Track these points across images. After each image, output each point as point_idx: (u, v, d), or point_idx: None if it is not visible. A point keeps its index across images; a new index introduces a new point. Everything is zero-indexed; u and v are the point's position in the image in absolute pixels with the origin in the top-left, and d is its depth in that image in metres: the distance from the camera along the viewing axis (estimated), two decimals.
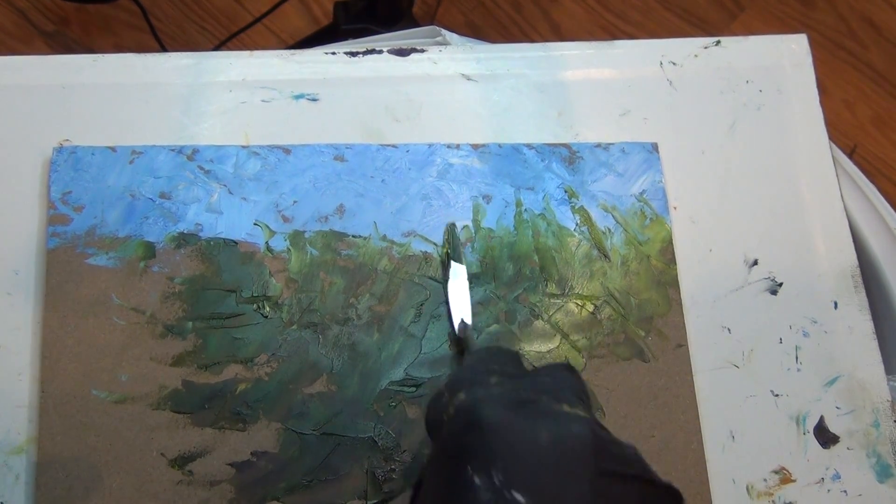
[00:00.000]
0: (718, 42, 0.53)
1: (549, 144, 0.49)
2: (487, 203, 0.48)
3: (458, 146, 0.49)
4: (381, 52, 0.52)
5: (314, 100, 0.50)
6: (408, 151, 0.48)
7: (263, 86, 0.50)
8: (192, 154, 0.47)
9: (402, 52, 0.52)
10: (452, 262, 0.46)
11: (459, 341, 0.44)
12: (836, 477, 0.44)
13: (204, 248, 0.45)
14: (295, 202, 0.47)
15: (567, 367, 0.34)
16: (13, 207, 0.46)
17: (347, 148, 0.48)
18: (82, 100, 0.48)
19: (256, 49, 0.52)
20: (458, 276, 0.46)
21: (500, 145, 0.49)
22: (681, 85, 0.52)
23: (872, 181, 0.63)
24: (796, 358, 0.46)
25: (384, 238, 0.46)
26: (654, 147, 0.50)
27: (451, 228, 0.47)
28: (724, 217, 0.49)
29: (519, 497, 0.28)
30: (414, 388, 0.44)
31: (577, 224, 0.48)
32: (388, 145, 0.48)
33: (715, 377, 0.46)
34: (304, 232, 0.46)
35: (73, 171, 0.46)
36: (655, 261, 0.47)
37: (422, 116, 0.50)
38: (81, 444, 0.42)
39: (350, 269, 0.46)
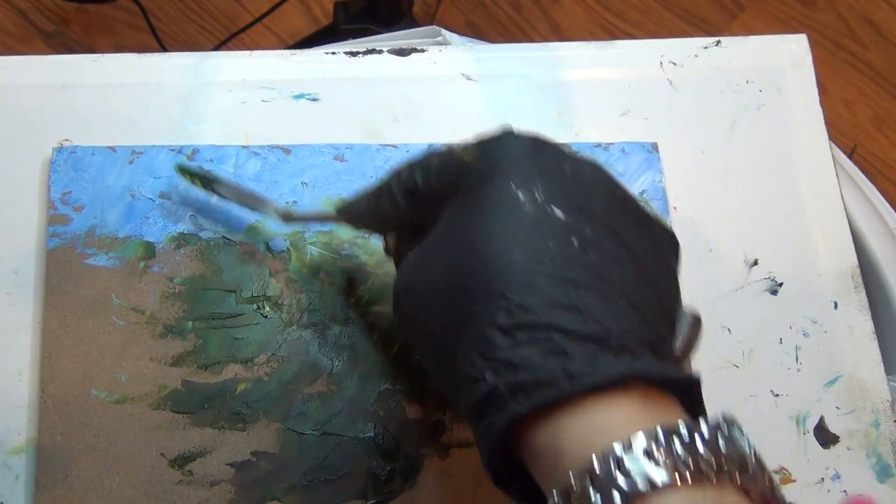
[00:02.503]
0: (718, 42, 0.53)
1: None
2: None
3: None
4: (381, 52, 0.52)
5: (314, 100, 0.50)
6: (408, 151, 0.48)
7: (263, 86, 0.50)
8: (192, 154, 0.47)
9: (402, 52, 0.52)
10: (213, 187, 0.45)
11: (288, 215, 0.44)
12: (836, 477, 0.44)
13: (204, 248, 0.45)
14: (295, 202, 0.47)
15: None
16: (13, 207, 0.46)
17: (347, 148, 0.48)
18: (82, 100, 0.48)
19: (256, 49, 0.52)
20: (218, 185, 0.45)
21: None
22: (681, 85, 0.52)
23: (872, 181, 0.63)
24: (796, 358, 0.46)
25: None
26: (654, 147, 0.50)
27: (179, 166, 0.46)
28: (724, 217, 0.49)
29: (558, 212, 0.30)
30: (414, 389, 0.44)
31: None
32: (388, 145, 0.48)
33: (715, 377, 0.46)
34: (305, 232, 0.46)
35: (72, 171, 0.46)
36: None
37: (422, 116, 0.50)
38: (81, 444, 0.42)
39: (350, 269, 0.46)
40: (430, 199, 0.34)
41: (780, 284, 0.48)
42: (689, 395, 0.30)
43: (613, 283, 0.30)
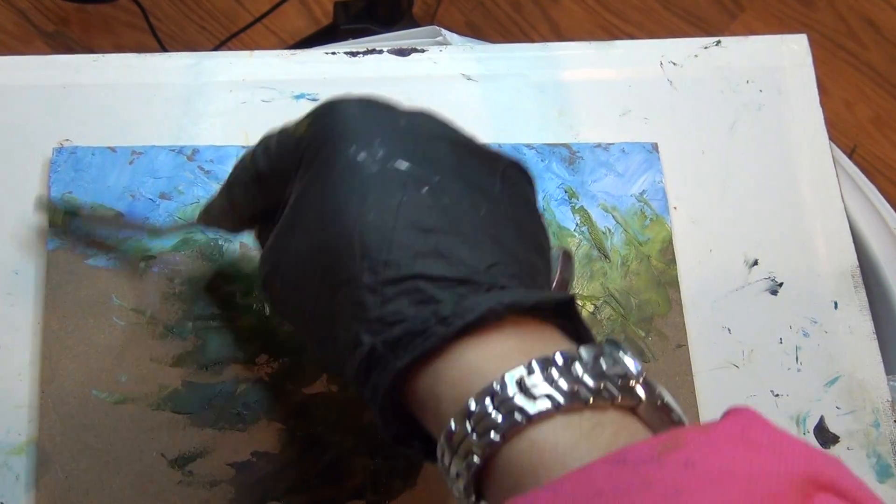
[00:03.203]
0: (718, 42, 0.53)
1: (549, 144, 0.49)
2: None
3: None
4: (381, 52, 0.52)
5: (314, 100, 0.50)
6: None
7: (263, 86, 0.50)
8: (192, 154, 0.47)
9: (402, 52, 0.52)
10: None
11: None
12: None
13: (204, 248, 0.45)
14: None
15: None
16: (13, 208, 0.46)
17: None
18: (82, 100, 0.48)
19: (256, 49, 0.52)
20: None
21: (500, 145, 0.49)
22: (681, 85, 0.52)
23: (872, 181, 0.63)
24: (796, 358, 0.46)
25: None
26: (654, 147, 0.50)
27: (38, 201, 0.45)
28: (724, 217, 0.49)
29: (403, 165, 0.30)
30: None
31: (577, 224, 0.48)
32: None
33: (715, 377, 0.46)
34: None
35: (73, 171, 0.46)
36: (655, 261, 0.47)
37: None
38: (81, 445, 0.42)
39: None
40: (277, 179, 0.34)
41: (780, 284, 0.48)
42: (569, 319, 0.30)
43: (472, 223, 0.30)
